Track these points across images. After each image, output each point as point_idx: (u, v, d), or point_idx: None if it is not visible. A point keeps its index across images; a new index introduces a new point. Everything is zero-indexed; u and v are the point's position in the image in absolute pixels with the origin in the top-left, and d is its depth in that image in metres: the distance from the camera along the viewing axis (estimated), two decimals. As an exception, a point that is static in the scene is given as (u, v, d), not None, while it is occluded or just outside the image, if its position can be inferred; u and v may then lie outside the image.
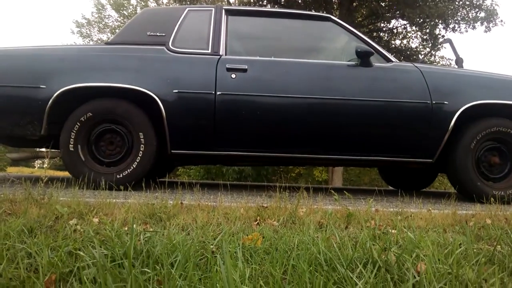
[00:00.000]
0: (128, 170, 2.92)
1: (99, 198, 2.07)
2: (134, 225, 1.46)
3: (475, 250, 1.39)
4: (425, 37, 13.74)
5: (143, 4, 23.19)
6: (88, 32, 23.39)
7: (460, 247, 1.36)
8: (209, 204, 2.06)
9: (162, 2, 22.86)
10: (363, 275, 1.11)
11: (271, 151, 3.08)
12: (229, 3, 17.28)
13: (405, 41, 15.23)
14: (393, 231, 1.62)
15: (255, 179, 12.55)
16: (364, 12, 14.02)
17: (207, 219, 1.76)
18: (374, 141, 3.10)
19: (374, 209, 2.16)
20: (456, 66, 3.80)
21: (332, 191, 2.39)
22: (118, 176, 2.90)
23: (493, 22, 12.29)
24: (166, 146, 3.00)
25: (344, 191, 2.65)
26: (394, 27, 14.55)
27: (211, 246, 1.34)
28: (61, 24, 57.27)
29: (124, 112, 2.96)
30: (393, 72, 3.17)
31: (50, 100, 2.85)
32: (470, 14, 12.70)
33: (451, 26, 12.62)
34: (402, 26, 14.36)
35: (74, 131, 2.92)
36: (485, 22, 12.37)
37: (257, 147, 3.07)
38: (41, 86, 2.89)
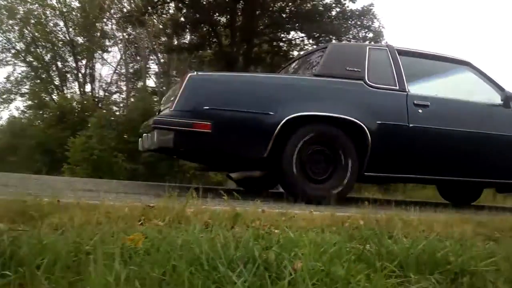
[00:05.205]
0: (339, 188, 3.28)
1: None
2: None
3: (347, 249, 1.49)
4: (320, 50, 14.62)
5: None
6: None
7: (335, 246, 1.45)
8: (91, 202, 1.93)
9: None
10: (243, 274, 1.13)
11: (438, 174, 3.75)
12: None
13: (302, 53, 16.03)
14: (276, 231, 1.68)
15: (147, 179, 12.12)
16: (266, 21, 14.49)
17: (86, 218, 1.64)
18: None
19: (261, 210, 2.21)
20: None
21: (222, 192, 2.40)
22: (325, 193, 3.15)
23: (380, 42, 13.59)
24: (361, 168, 3.38)
25: (234, 192, 2.67)
26: (293, 38, 15.29)
27: (87, 247, 1.25)
28: None
29: (336, 138, 3.34)
30: None
31: (279, 126, 3.15)
32: (360, 34, 13.98)
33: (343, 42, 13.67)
34: (300, 38, 15.16)
35: (296, 151, 3.23)
36: (372, 42, 13.64)
37: (429, 171, 3.71)
38: (270, 112, 3.23)
